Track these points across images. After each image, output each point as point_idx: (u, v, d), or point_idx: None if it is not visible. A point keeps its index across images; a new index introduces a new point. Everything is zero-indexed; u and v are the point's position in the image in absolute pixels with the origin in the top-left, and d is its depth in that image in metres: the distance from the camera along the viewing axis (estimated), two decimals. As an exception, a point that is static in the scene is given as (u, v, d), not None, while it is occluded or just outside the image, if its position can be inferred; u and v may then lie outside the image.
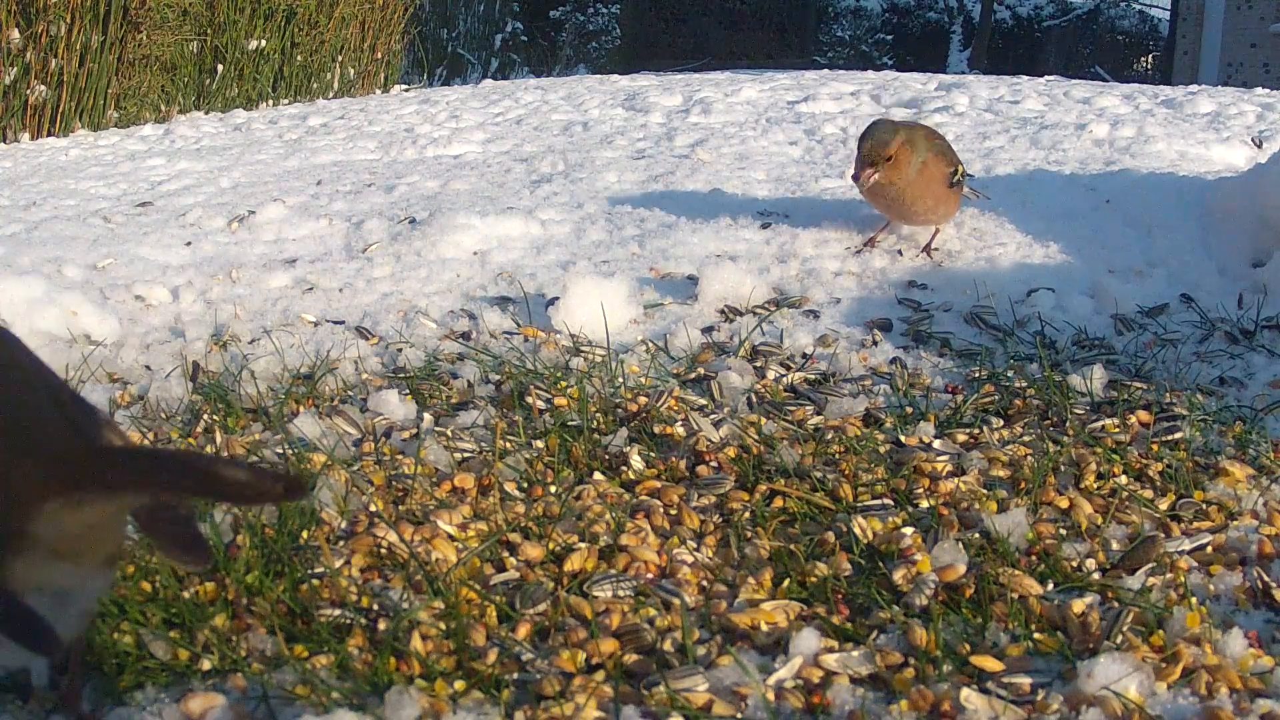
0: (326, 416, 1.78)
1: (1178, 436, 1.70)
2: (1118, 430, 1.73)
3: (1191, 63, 15.67)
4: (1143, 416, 1.77)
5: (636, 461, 1.64)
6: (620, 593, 1.31)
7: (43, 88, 5.76)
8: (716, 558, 1.42)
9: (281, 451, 1.67)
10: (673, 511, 1.51)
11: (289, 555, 1.35)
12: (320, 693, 1.13)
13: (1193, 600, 1.30)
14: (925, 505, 1.51)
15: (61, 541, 0.92)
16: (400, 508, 1.51)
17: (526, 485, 1.58)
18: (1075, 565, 1.37)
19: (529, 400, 1.84)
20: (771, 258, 2.67)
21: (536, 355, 2.10)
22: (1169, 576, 1.35)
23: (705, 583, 1.36)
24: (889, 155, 2.55)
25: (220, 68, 6.81)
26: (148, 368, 2.12)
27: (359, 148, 4.68)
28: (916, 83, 6.15)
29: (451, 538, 1.42)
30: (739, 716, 1.12)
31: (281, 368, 2.06)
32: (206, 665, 1.18)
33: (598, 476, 1.60)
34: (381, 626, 1.24)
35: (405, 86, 8.40)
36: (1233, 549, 1.42)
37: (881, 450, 1.65)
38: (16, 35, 5.60)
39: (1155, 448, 1.67)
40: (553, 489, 1.56)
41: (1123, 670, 1.13)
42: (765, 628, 1.26)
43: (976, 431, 1.73)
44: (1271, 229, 2.62)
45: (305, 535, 1.40)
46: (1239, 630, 1.21)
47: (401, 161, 4.32)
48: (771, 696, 1.14)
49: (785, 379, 1.99)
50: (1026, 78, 6.60)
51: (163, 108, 6.53)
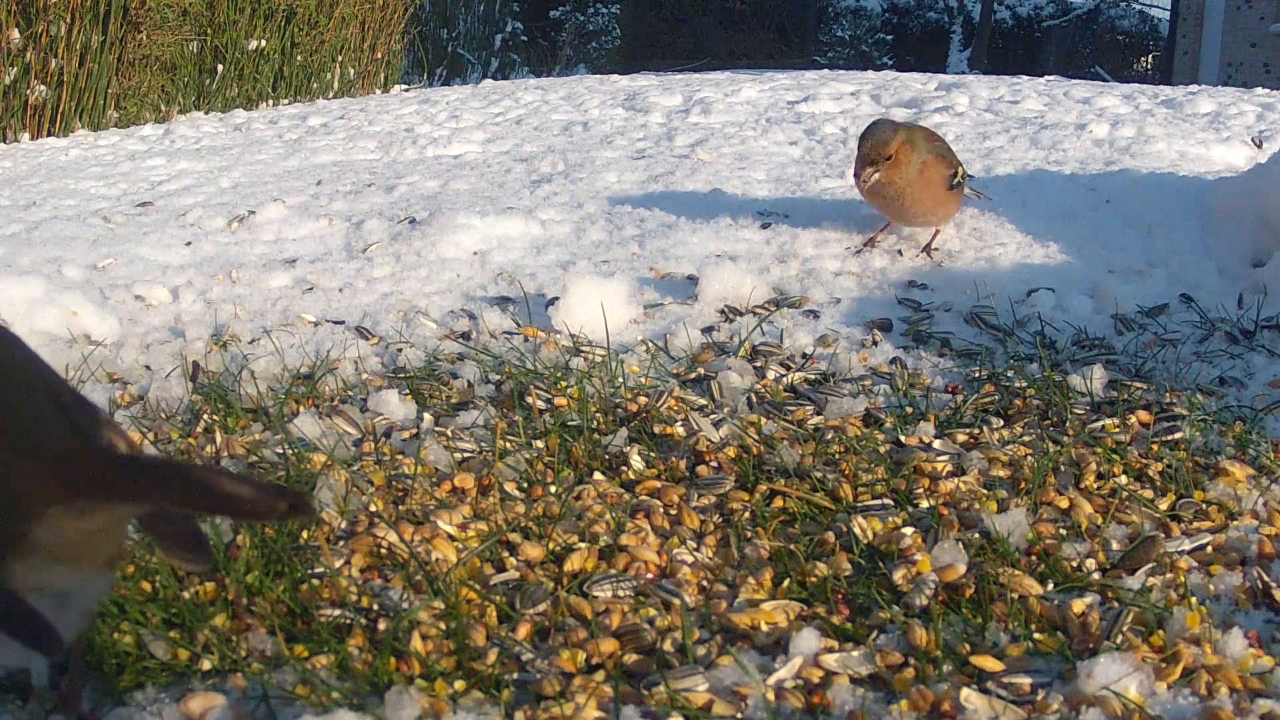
0: (326, 416, 1.78)
1: (1178, 436, 1.70)
2: (1118, 430, 1.73)
3: (1191, 63, 15.67)
4: (1143, 416, 1.77)
5: (636, 461, 1.64)
6: (620, 593, 1.31)
7: (43, 88, 5.76)
8: (716, 558, 1.42)
9: (281, 451, 1.67)
10: (673, 511, 1.51)
11: (289, 555, 1.35)
12: (320, 693, 1.13)
13: (1193, 600, 1.30)
14: (925, 505, 1.51)
15: (63, 544, 0.92)
16: (400, 508, 1.51)
17: (526, 485, 1.58)
18: (1075, 565, 1.37)
19: (529, 400, 1.84)
20: (771, 258, 2.67)
21: (536, 355, 2.10)
22: (1169, 576, 1.35)
23: (705, 583, 1.36)
24: (889, 154, 2.56)
25: (220, 68, 6.81)
26: (148, 368, 2.12)
27: (359, 148, 4.68)
28: (916, 83, 6.15)
29: (451, 538, 1.42)
30: (739, 716, 1.12)
31: (281, 368, 2.06)
32: (206, 665, 1.18)
33: (598, 476, 1.60)
34: (381, 626, 1.24)
35: (405, 86, 8.40)
36: (1233, 549, 1.42)
37: (881, 450, 1.65)
38: (16, 35, 5.61)
39: (1155, 448, 1.67)
40: (553, 489, 1.56)
41: (1123, 670, 1.13)
42: (765, 628, 1.26)
43: (976, 431, 1.73)
44: (1271, 229, 2.62)
45: (305, 535, 1.40)
46: (1239, 630, 1.21)
47: (401, 161, 4.32)
48: (771, 696, 1.14)
49: (785, 379, 1.98)
50: (1026, 78, 6.60)
51: (163, 108, 6.53)
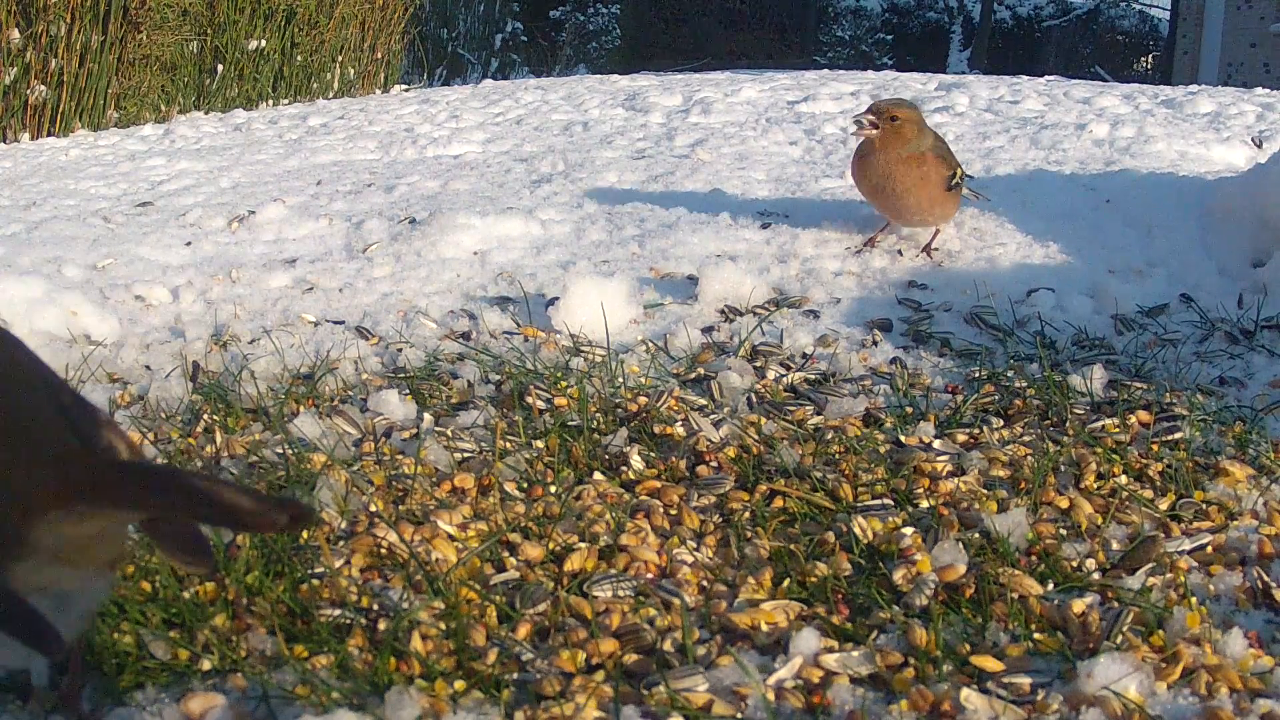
0: (326, 416, 1.78)
1: (1178, 436, 1.70)
2: (1118, 430, 1.73)
3: (1191, 63, 15.67)
4: (1143, 416, 1.77)
5: (636, 461, 1.64)
6: (620, 593, 1.31)
7: (43, 88, 5.76)
8: (716, 558, 1.42)
9: (281, 451, 1.67)
10: (673, 511, 1.51)
11: (289, 555, 1.35)
12: (320, 693, 1.13)
13: (1193, 600, 1.30)
14: (925, 505, 1.51)
15: (63, 546, 0.92)
16: (400, 508, 1.51)
17: (526, 485, 1.58)
18: (1075, 565, 1.37)
19: (529, 400, 1.84)
20: (771, 258, 2.67)
21: (536, 355, 2.10)
22: (1169, 576, 1.35)
23: (705, 583, 1.36)
24: (895, 117, 2.54)
25: (220, 68, 6.81)
26: (148, 368, 2.12)
27: (359, 148, 4.68)
28: (916, 83, 6.15)
29: (451, 538, 1.42)
30: (739, 716, 1.12)
31: (281, 368, 2.06)
32: (206, 665, 1.18)
33: (598, 476, 1.60)
34: (381, 626, 1.24)
35: (405, 86, 8.39)
36: (1233, 549, 1.42)
37: (881, 450, 1.65)
38: (16, 35, 5.60)
39: (1155, 448, 1.67)
40: (553, 489, 1.56)
41: (1123, 670, 1.13)
42: (765, 628, 1.26)
43: (976, 431, 1.73)
44: (1271, 229, 2.62)
45: (305, 535, 1.40)
46: (1239, 630, 1.21)
47: (401, 161, 4.32)
48: (771, 696, 1.14)
49: (785, 379, 1.98)
50: (1026, 78, 6.59)
51: (163, 108, 6.53)
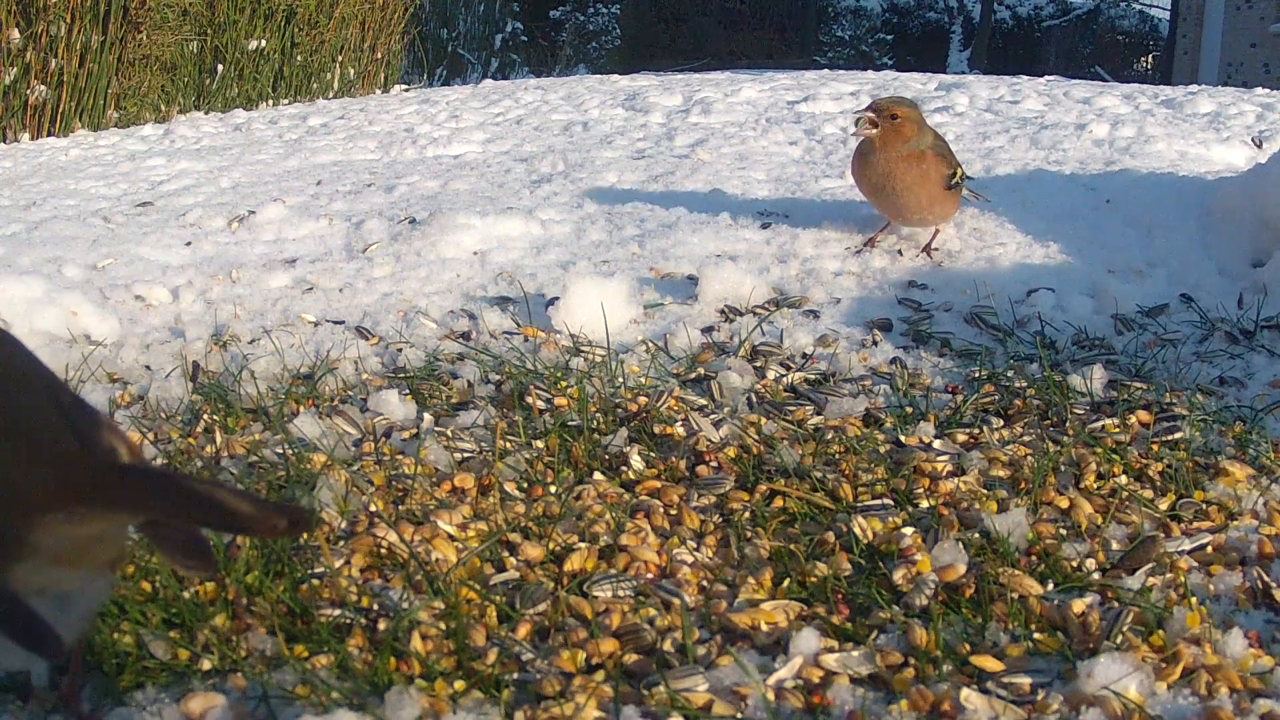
0: (326, 416, 1.78)
1: (1178, 436, 1.70)
2: (1118, 430, 1.73)
3: (1191, 63, 15.67)
4: (1143, 416, 1.77)
5: (636, 461, 1.64)
6: (620, 593, 1.31)
7: (43, 88, 5.76)
8: (716, 558, 1.42)
9: (281, 451, 1.67)
10: (673, 511, 1.51)
11: (289, 555, 1.35)
12: (320, 693, 1.13)
13: (1193, 600, 1.30)
14: (925, 505, 1.51)
15: (63, 548, 0.92)
16: (400, 508, 1.51)
17: (526, 485, 1.58)
18: (1075, 565, 1.37)
19: (529, 400, 1.84)
20: (771, 258, 2.67)
21: (536, 355, 2.10)
22: (1169, 576, 1.35)
23: (705, 583, 1.36)
24: (895, 115, 2.54)
25: (220, 68, 6.81)
26: (148, 368, 2.12)
27: (359, 148, 4.68)
28: (916, 83, 6.15)
29: (451, 538, 1.42)
30: (739, 716, 1.12)
31: (281, 368, 2.06)
32: (206, 665, 1.18)
33: (598, 476, 1.60)
34: (381, 626, 1.24)
35: (405, 86, 8.40)
36: (1233, 549, 1.42)
37: (881, 450, 1.65)
38: (16, 35, 5.60)
39: (1155, 448, 1.67)
40: (553, 489, 1.56)
41: (1123, 670, 1.13)
42: (765, 628, 1.26)
43: (976, 431, 1.73)
44: (1271, 229, 2.62)
45: (305, 535, 1.40)
46: (1239, 630, 1.21)
47: (401, 161, 4.32)
48: (771, 696, 1.14)
49: (785, 379, 1.98)
50: (1026, 78, 6.59)
51: (163, 108, 6.53)
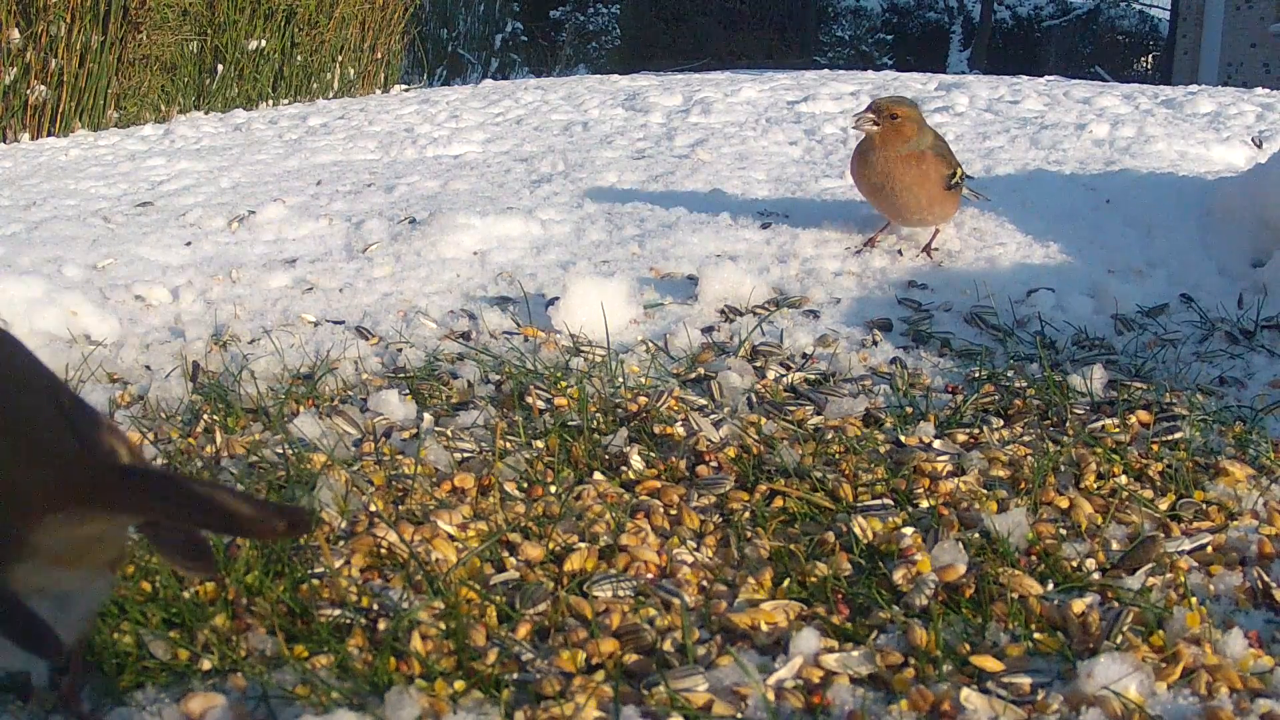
0: (326, 416, 1.78)
1: (1178, 436, 1.70)
2: (1118, 430, 1.73)
3: (1191, 63, 15.68)
4: (1143, 416, 1.77)
5: (636, 461, 1.64)
6: (620, 593, 1.31)
7: (43, 88, 5.76)
8: (716, 558, 1.42)
9: (281, 451, 1.67)
10: (673, 511, 1.51)
11: (289, 555, 1.35)
12: (320, 693, 1.13)
13: (1193, 600, 1.30)
14: (925, 505, 1.51)
15: (63, 548, 0.92)
16: (400, 508, 1.51)
17: (526, 485, 1.58)
18: (1075, 565, 1.37)
19: (529, 400, 1.84)
20: (771, 258, 2.67)
21: (536, 355, 2.10)
22: (1169, 576, 1.35)
23: (705, 583, 1.36)
24: (895, 115, 2.55)
25: (220, 68, 6.81)
26: (148, 368, 2.12)
27: (359, 148, 4.68)
28: (916, 83, 6.15)
29: (451, 538, 1.42)
30: (739, 716, 1.12)
31: (281, 368, 2.06)
32: (206, 665, 1.18)
33: (598, 476, 1.60)
34: (381, 626, 1.24)
35: (405, 86, 8.39)
36: (1233, 549, 1.42)
37: (881, 450, 1.65)
38: (16, 35, 5.60)
39: (1155, 448, 1.67)
40: (553, 489, 1.56)
41: (1123, 670, 1.13)
42: (765, 628, 1.26)
43: (976, 431, 1.73)
44: (1271, 229, 2.62)
45: (305, 537, 1.40)
46: (1239, 630, 1.21)
47: (401, 161, 4.32)
48: (771, 696, 1.14)
49: (785, 379, 1.98)
50: (1026, 78, 6.59)
51: (163, 108, 6.53)
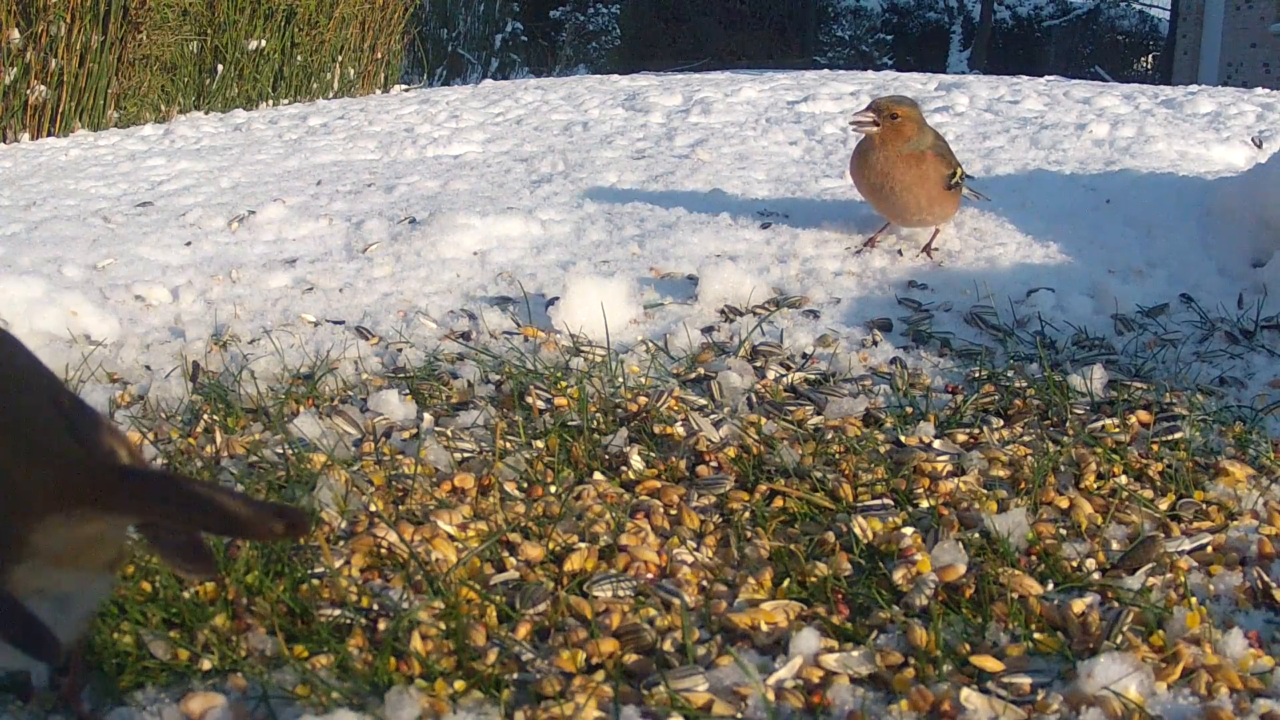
0: (326, 416, 1.78)
1: (1178, 436, 1.70)
2: (1118, 430, 1.73)
3: (1191, 63, 15.67)
4: (1143, 416, 1.77)
5: (636, 461, 1.64)
6: (620, 593, 1.31)
7: (43, 88, 5.76)
8: (716, 558, 1.42)
9: (281, 451, 1.67)
10: (673, 511, 1.51)
11: (289, 555, 1.35)
12: (320, 693, 1.13)
13: (1193, 600, 1.30)
14: (925, 505, 1.51)
15: (62, 549, 0.92)
16: (400, 508, 1.51)
17: (526, 485, 1.58)
18: (1075, 565, 1.37)
19: (529, 400, 1.84)
20: (771, 258, 2.67)
21: (536, 355, 2.10)
22: (1169, 576, 1.35)
23: (705, 583, 1.36)
24: (895, 115, 2.55)
25: (220, 68, 6.81)
26: (148, 368, 2.12)
27: (359, 148, 4.68)
28: (916, 83, 6.15)
29: (451, 538, 1.42)
30: (739, 716, 1.12)
31: (281, 368, 2.06)
32: (206, 665, 1.18)
33: (598, 476, 1.60)
34: (381, 626, 1.24)
35: (405, 86, 8.40)
36: (1233, 549, 1.42)
37: (881, 450, 1.65)
38: (16, 35, 5.60)
39: (1155, 448, 1.67)
40: (553, 489, 1.56)
41: (1123, 670, 1.13)
42: (765, 628, 1.26)
43: (976, 431, 1.73)
44: (1271, 229, 2.62)
45: (303, 538, 1.40)
46: (1239, 630, 1.21)
47: (401, 161, 4.32)
48: (771, 696, 1.14)
49: (785, 379, 1.98)
50: (1026, 78, 6.59)
51: (163, 108, 6.53)
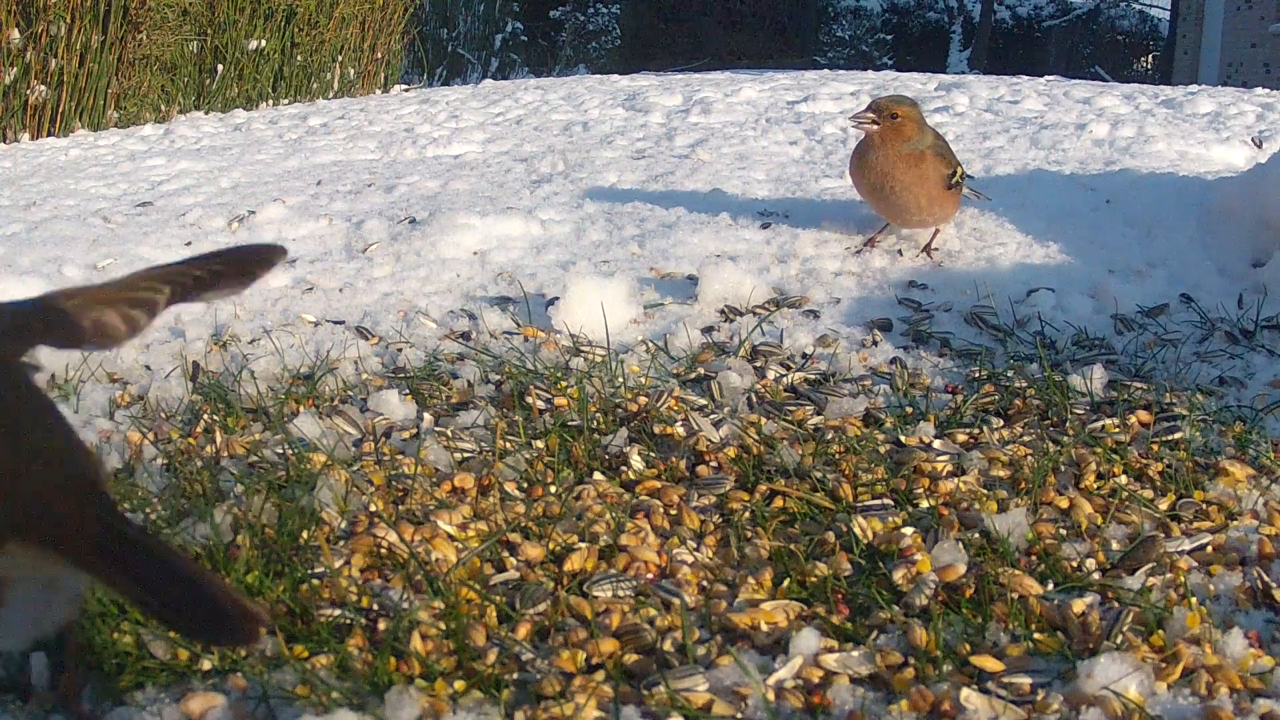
0: (326, 416, 1.78)
1: (1178, 436, 1.70)
2: (1118, 430, 1.73)
3: (1191, 63, 15.68)
4: (1143, 416, 1.77)
5: (636, 461, 1.64)
6: (620, 593, 1.31)
7: (43, 88, 5.76)
8: (716, 558, 1.42)
9: (281, 451, 1.67)
10: (673, 511, 1.51)
11: (289, 555, 1.35)
12: (320, 693, 1.13)
13: (1193, 600, 1.30)
14: (925, 505, 1.51)
15: (21, 570, 0.93)
16: (400, 508, 1.51)
17: (526, 485, 1.58)
18: (1075, 565, 1.37)
19: (529, 400, 1.84)
20: (771, 258, 2.67)
21: (536, 355, 2.10)
22: (1169, 576, 1.35)
23: (705, 583, 1.36)
24: (895, 114, 2.54)
25: (220, 68, 6.81)
26: (148, 368, 2.12)
27: (359, 148, 4.68)
28: (916, 83, 6.15)
29: (451, 538, 1.42)
30: (739, 716, 1.12)
31: (281, 368, 2.06)
32: (206, 665, 1.18)
33: (598, 476, 1.60)
34: (381, 626, 1.24)
35: (405, 86, 8.40)
36: (1233, 549, 1.42)
37: (881, 450, 1.65)
38: (16, 35, 5.61)
39: (1155, 448, 1.67)
40: (553, 489, 1.56)
41: (1123, 670, 1.13)
42: (765, 628, 1.26)
43: (976, 431, 1.73)
44: (1271, 229, 2.62)
45: (305, 535, 1.40)
46: (1239, 630, 1.21)
47: (401, 161, 4.32)
48: (771, 696, 1.14)
49: (785, 379, 1.98)
50: (1026, 78, 6.59)
51: (163, 108, 6.53)
